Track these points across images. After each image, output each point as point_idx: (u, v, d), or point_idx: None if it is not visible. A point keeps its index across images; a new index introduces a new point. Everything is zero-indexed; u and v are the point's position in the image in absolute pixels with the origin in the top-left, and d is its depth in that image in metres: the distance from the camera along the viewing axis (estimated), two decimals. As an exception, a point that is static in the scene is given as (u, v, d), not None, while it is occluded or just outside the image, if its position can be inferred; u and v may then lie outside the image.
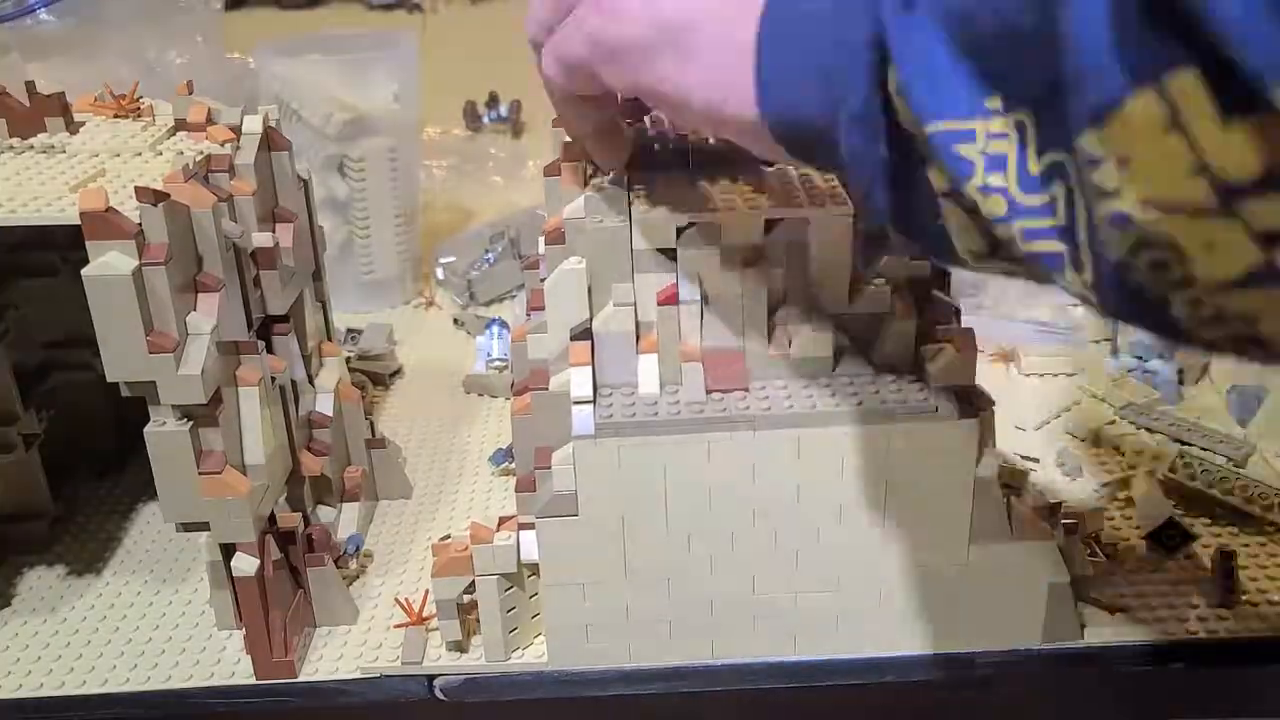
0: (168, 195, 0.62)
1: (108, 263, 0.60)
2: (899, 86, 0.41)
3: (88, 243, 0.60)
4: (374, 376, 1.05)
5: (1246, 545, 0.77)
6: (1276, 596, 0.72)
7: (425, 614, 0.71)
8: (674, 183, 0.66)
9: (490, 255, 1.21)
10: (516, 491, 0.69)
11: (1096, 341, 1.02)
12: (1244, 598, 0.72)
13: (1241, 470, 0.82)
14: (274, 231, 0.74)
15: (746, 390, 0.65)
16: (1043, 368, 1.01)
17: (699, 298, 0.65)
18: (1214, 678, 0.73)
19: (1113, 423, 0.91)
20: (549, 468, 0.64)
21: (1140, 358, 0.97)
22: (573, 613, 0.67)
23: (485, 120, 1.76)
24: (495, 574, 0.67)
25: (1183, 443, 0.87)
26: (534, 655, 0.70)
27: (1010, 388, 0.99)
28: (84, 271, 0.60)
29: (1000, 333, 1.04)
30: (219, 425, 0.65)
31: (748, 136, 0.50)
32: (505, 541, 0.66)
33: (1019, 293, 1.09)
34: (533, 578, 0.68)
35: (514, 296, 1.19)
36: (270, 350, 0.74)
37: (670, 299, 0.65)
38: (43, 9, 0.71)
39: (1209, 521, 0.80)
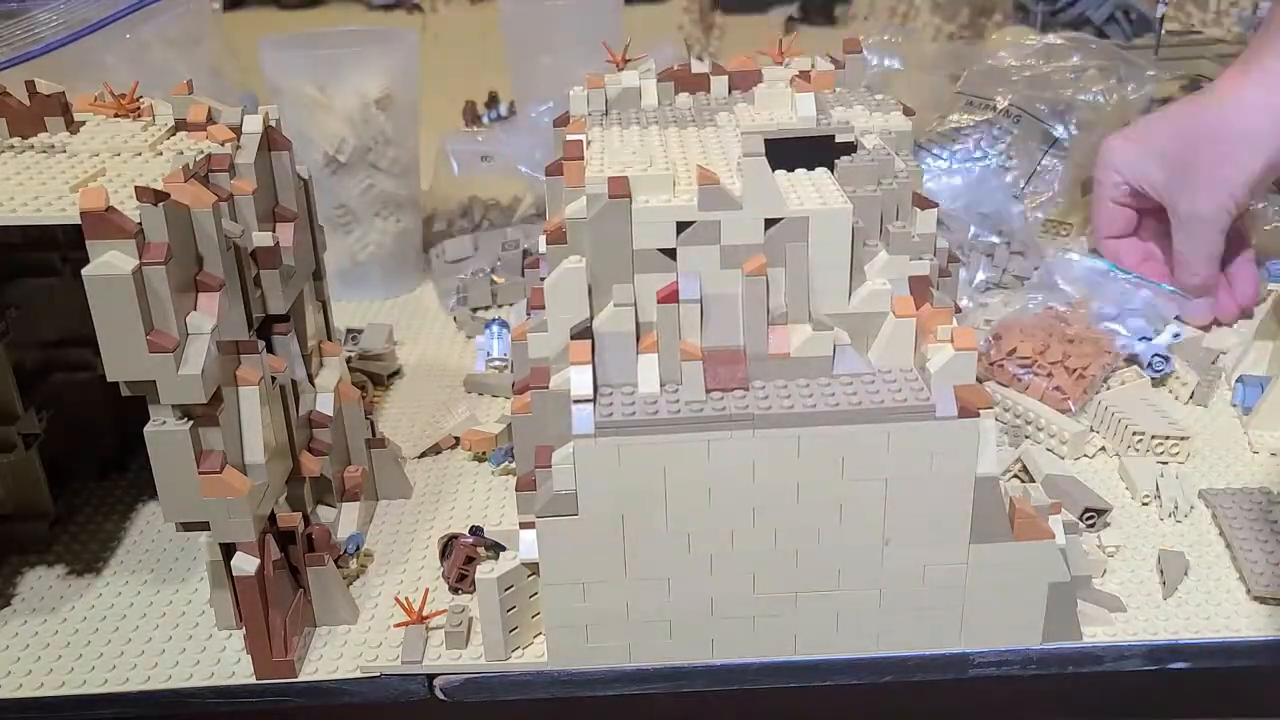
0: (168, 195, 0.62)
1: (108, 262, 0.60)
2: None
3: (88, 242, 0.60)
4: (374, 376, 1.05)
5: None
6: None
7: (425, 613, 0.71)
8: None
9: (500, 263, 1.21)
10: (517, 491, 0.69)
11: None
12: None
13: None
14: (274, 231, 0.74)
15: (746, 390, 0.65)
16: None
17: (699, 297, 0.65)
18: (1215, 678, 0.73)
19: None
20: (549, 467, 0.64)
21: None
22: (573, 612, 0.67)
23: (485, 120, 1.76)
24: (495, 575, 0.67)
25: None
26: (534, 655, 0.70)
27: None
28: (84, 271, 0.60)
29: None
30: (219, 425, 0.65)
31: None
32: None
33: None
34: (532, 577, 0.68)
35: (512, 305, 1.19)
36: (270, 350, 0.74)
37: (670, 298, 0.65)
38: (40, 55, 0.72)
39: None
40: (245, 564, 0.68)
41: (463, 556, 0.74)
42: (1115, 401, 0.91)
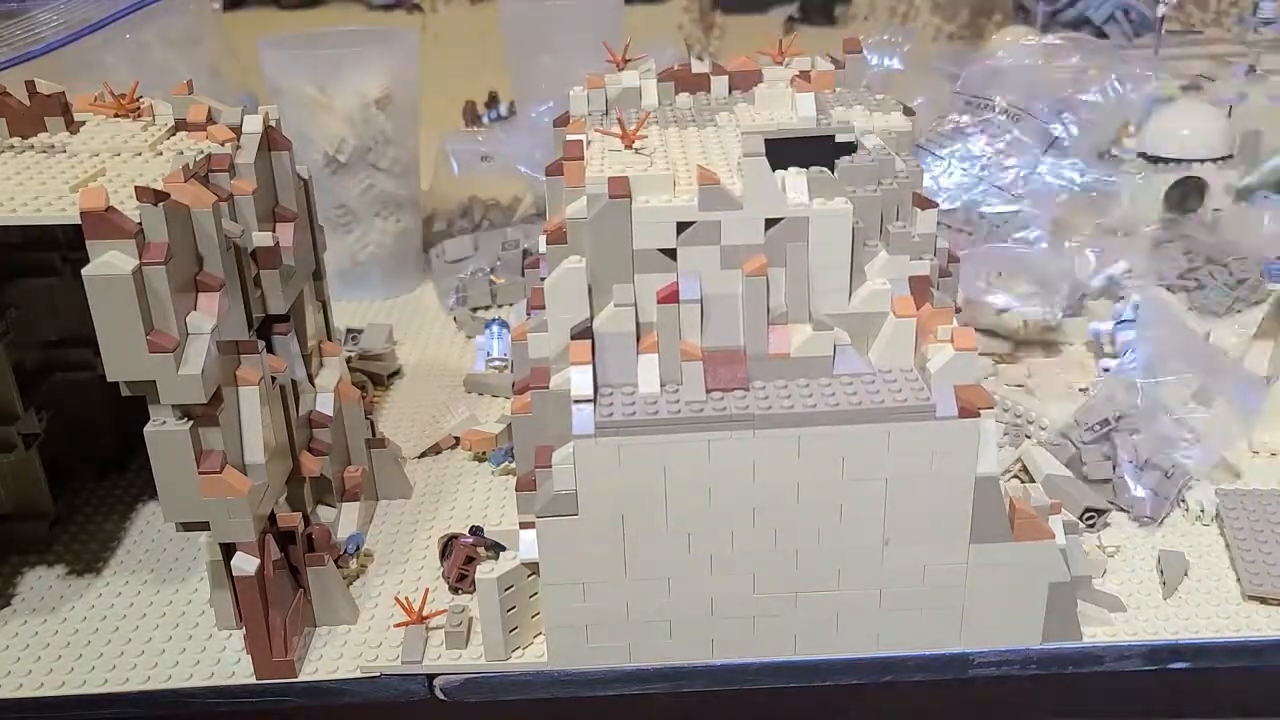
0: (168, 195, 0.62)
1: (108, 262, 0.60)
2: None
3: (88, 242, 0.60)
4: (374, 376, 1.05)
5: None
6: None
7: (425, 613, 0.71)
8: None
9: (500, 263, 1.21)
10: (517, 491, 0.69)
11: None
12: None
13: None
14: (274, 231, 0.74)
15: (747, 390, 0.65)
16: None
17: (699, 297, 0.65)
18: (1214, 677, 0.73)
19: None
20: (549, 467, 0.64)
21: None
22: (573, 612, 0.67)
23: (485, 120, 1.76)
24: (495, 575, 0.67)
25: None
26: (534, 655, 0.70)
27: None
28: (84, 271, 0.60)
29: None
30: (219, 425, 0.65)
31: None
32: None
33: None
34: (532, 577, 0.68)
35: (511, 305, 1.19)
36: (270, 350, 0.74)
37: (671, 298, 0.65)
38: (40, 55, 0.72)
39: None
40: (245, 564, 0.68)
41: (463, 556, 0.74)
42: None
